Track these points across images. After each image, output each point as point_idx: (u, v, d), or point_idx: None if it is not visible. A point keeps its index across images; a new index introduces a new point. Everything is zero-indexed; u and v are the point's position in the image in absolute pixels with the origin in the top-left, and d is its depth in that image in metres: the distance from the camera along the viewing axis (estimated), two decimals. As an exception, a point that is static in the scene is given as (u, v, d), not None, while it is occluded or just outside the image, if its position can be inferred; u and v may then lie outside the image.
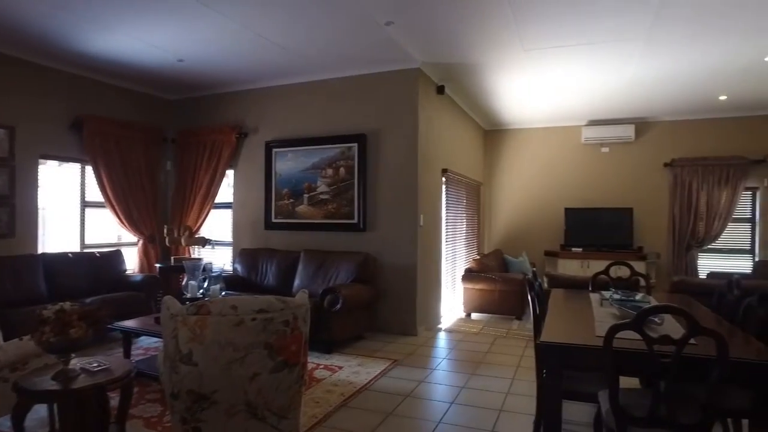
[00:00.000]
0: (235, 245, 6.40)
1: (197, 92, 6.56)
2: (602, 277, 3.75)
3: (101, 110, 5.78)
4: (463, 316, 6.45)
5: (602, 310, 2.92)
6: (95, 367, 2.36)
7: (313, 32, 4.49)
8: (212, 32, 4.50)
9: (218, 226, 6.75)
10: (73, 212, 5.72)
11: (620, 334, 1.93)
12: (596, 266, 6.76)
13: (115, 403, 2.62)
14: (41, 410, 2.79)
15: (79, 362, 2.40)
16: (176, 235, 6.28)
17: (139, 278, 5.48)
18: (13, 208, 4.94)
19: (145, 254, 6.27)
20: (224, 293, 4.24)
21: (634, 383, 3.07)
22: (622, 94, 6.25)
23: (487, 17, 4.08)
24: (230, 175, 6.52)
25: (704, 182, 7.14)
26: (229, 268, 6.33)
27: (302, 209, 5.86)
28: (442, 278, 6.16)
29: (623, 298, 2.93)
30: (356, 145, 5.54)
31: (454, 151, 6.68)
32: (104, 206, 5.82)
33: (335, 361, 4.34)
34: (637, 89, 6.04)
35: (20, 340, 2.84)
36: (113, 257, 5.51)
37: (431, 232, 5.77)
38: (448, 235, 6.46)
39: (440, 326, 5.83)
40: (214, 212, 6.59)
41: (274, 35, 4.56)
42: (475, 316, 6.43)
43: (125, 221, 5.96)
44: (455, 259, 6.85)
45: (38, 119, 5.18)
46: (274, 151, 6.06)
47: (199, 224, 6.50)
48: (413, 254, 5.31)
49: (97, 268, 5.23)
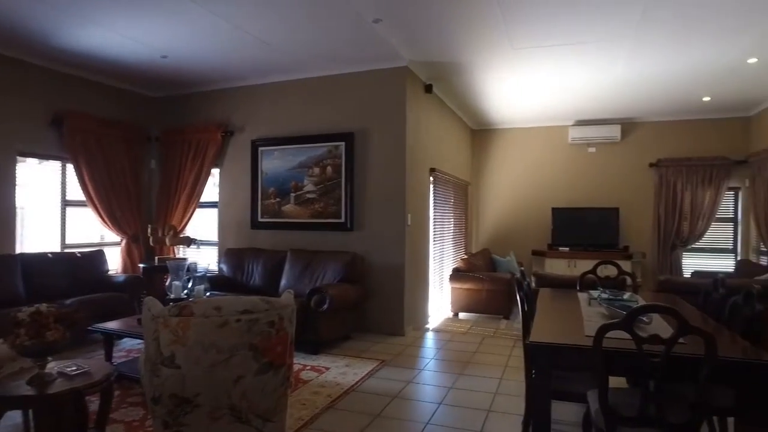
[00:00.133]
0: (220, 245, 6.32)
1: (182, 90, 6.46)
2: (590, 276, 3.76)
3: (83, 107, 5.66)
4: (450, 315, 6.44)
5: (590, 309, 2.92)
6: (73, 370, 2.28)
7: (300, 29, 4.43)
8: (196, 28, 4.42)
9: (204, 225, 6.66)
10: (53, 211, 5.59)
11: (609, 333, 1.92)
12: (583, 266, 6.81)
13: (95, 407, 2.55)
14: (16, 416, 2.70)
15: (56, 366, 2.32)
16: (160, 234, 6.18)
17: (122, 279, 5.37)
18: (-11, 206, 4.81)
19: (128, 254, 6.16)
20: (209, 294, 4.16)
21: (621, 382, 3.08)
22: (608, 94, 6.29)
23: (475, 16, 4.06)
24: (216, 174, 6.43)
25: (688, 182, 7.22)
26: (214, 268, 6.25)
27: (289, 208, 5.80)
28: (429, 278, 6.14)
29: (611, 297, 2.93)
30: (343, 143, 5.49)
31: (441, 150, 6.67)
32: (86, 205, 5.70)
33: (322, 361, 4.29)
34: (623, 90, 6.08)
35: (-5, 343, 2.75)
36: (95, 257, 5.39)
37: (419, 231, 5.75)
38: (435, 234, 6.44)
39: (428, 326, 5.81)
40: (199, 211, 6.50)
41: (260, 31, 4.50)
42: (462, 315, 6.43)
43: (108, 221, 5.85)
44: (443, 258, 6.84)
45: (16, 116, 5.04)
46: (260, 149, 5.98)
47: (184, 224, 6.41)
48: (401, 254, 5.28)
49: (78, 268, 5.11)
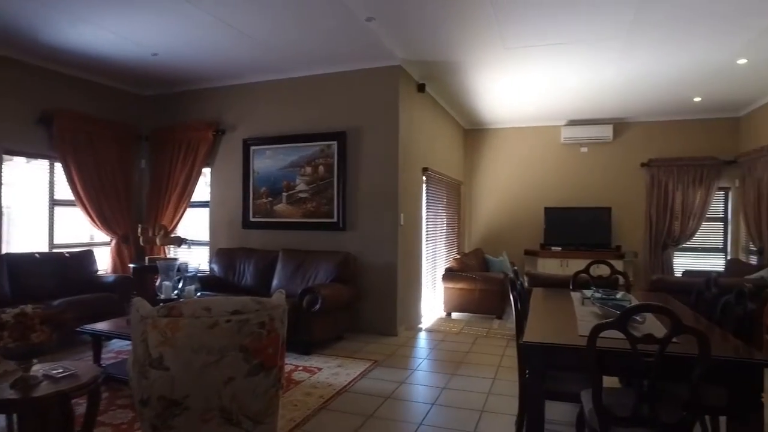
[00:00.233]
0: (212, 245, 6.26)
1: (173, 88, 6.40)
2: (583, 275, 3.76)
3: (72, 105, 5.58)
4: (443, 315, 6.43)
5: (584, 308, 2.91)
6: (59, 373, 2.24)
7: (292, 27, 4.39)
8: (187, 25, 4.37)
9: (195, 225, 6.60)
10: (41, 211, 5.51)
11: (603, 333, 1.91)
12: (575, 265, 6.81)
13: (83, 410, 2.50)
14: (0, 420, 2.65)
15: (41, 368, 2.28)
16: (151, 234, 6.11)
17: (111, 279, 5.31)
18: (-25, 206, 4.73)
19: (118, 254, 6.09)
20: (200, 294, 4.12)
21: (613, 382, 3.08)
22: (600, 94, 6.31)
23: (468, 15, 4.05)
24: (207, 173, 6.37)
25: (679, 182, 7.26)
26: (206, 268, 6.19)
27: (281, 208, 5.76)
28: (422, 278, 6.12)
29: (604, 296, 2.92)
30: (336, 142, 5.46)
31: (434, 149, 6.65)
32: (75, 205, 5.63)
33: (314, 362, 4.26)
34: (615, 90, 6.10)
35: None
36: (84, 257, 5.32)
37: (412, 231, 5.73)
38: (428, 234, 6.43)
39: (421, 326, 5.79)
40: (190, 211, 6.44)
41: (251, 29, 4.46)
42: (455, 315, 6.42)
43: (97, 220, 5.77)
44: (436, 258, 6.83)
45: (3, 113, 4.96)
46: (252, 148, 5.94)
47: (174, 223, 6.35)
48: (393, 254, 5.25)
49: (66, 268, 5.04)
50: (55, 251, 5.39)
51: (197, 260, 6.51)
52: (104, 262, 6.00)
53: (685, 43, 4.52)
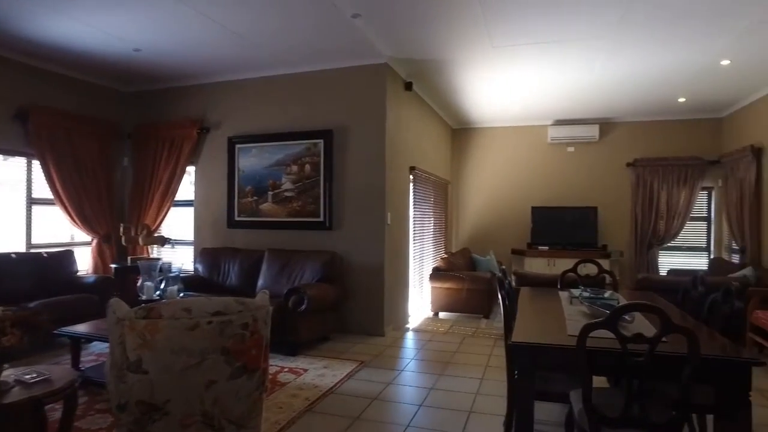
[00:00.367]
0: (196, 244, 6.16)
1: (156, 85, 6.27)
2: (570, 274, 3.75)
3: (50, 101, 5.44)
4: (431, 315, 6.40)
5: (572, 308, 2.90)
6: (32, 378, 2.15)
7: (277, 23, 4.32)
8: (171, 21, 4.27)
9: (179, 224, 6.49)
10: (18, 210, 5.35)
11: (592, 333, 1.88)
12: (562, 264, 6.86)
13: (60, 415, 2.42)
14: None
15: (13, 374, 2.19)
16: (133, 234, 5.99)
17: (92, 280, 5.18)
18: (-51, 205, 4.58)
19: (99, 254, 5.96)
20: (182, 294, 4.03)
21: (601, 381, 3.07)
22: (587, 94, 6.34)
23: (456, 12, 4.02)
24: (191, 171, 6.26)
25: (664, 182, 7.32)
26: (190, 268, 6.08)
27: (266, 207, 5.68)
28: (409, 277, 6.09)
29: (593, 295, 2.91)
30: (322, 141, 5.40)
31: (421, 148, 6.62)
32: (54, 204, 5.48)
33: (300, 363, 4.20)
34: (601, 90, 6.13)
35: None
36: (63, 258, 5.18)
37: (399, 230, 5.69)
38: (415, 233, 6.39)
39: (408, 326, 5.76)
40: (174, 210, 6.33)
41: (236, 25, 4.38)
42: (443, 315, 6.39)
43: (77, 219, 5.64)
44: (423, 257, 6.80)
45: (-22, 109, 4.82)
46: (237, 147, 5.85)
47: (158, 223, 6.23)
48: (380, 253, 5.21)
49: (44, 269, 4.90)
50: (32, 251, 5.25)
51: (181, 260, 6.40)
52: (85, 262, 5.86)
53: (670, 43, 4.54)
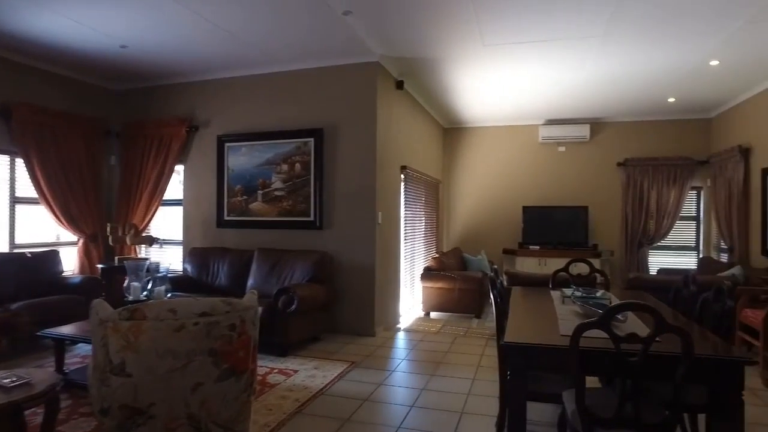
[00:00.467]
0: (185, 244, 6.08)
1: (144, 82, 6.18)
2: (562, 274, 3.74)
3: (34, 98, 5.32)
4: (422, 315, 6.37)
5: (564, 307, 2.88)
6: (12, 382, 2.08)
7: (267, 20, 4.27)
8: (159, 17, 4.20)
9: (167, 224, 6.40)
10: (1, 209, 5.24)
11: (585, 332, 1.86)
12: (553, 264, 6.87)
13: (41, 420, 2.35)
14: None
15: (-8, 376, 2.13)
16: (121, 233, 5.90)
17: (78, 280, 5.08)
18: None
19: (86, 254, 5.86)
20: (170, 295, 3.97)
21: (593, 381, 3.06)
22: (578, 93, 6.34)
23: (447, 10, 3.99)
24: (180, 170, 6.18)
25: (654, 182, 7.36)
26: (178, 268, 6.00)
27: (256, 206, 5.62)
28: (400, 277, 6.05)
29: (585, 295, 2.89)
30: (313, 139, 5.35)
31: (413, 147, 6.59)
32: (39, 203, 5.38)
33: (290, 364, 4.15)
34: (592, 89, 6.13)
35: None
36: (48, 258, 5.08)
37: (390, 230, 5.66)
38: (406, 233, 6.36)
39: (399, 326, 5.72)
40: (162, 210, 6.24)
41: (226, 23, 4.31)
42: (434, 315, 6.37)
43: (63, 219, 5.53)
44: (414, 257, 6.77)
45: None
46: (226, 145, 5.78)
47: (146, 222, 6.14)
48: (371, 253, 5.17)
49: (28, 270, 4.79)
50: (16, 251, 5.14)
51: (170, 260, 6.32)
52: (71, 262, 5.76)
53: (660, 42, 4.55)
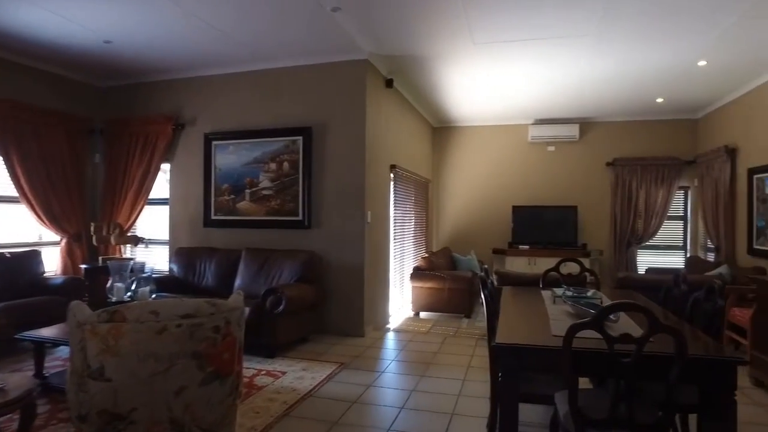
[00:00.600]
0: (171, 244, 5.97)
1: (128, 79, 6.06)
2: (553, 273, 3.72)
3: (14, 94, 5.17)
4: (411, 315, 6.33)
5: (555, 307, 2.85)
6: (-15, 386, 2.01)
7: (255, 16, 4.19)
8: (143, 12, 4.11)
9: (153, 223, 6.29)
10: (-19, 208, 5.12)
11: (577, 333, 1.83)
12: (543, 263, 6.87)
13: (17, 426, 2.27)
14: None
15: (-35, 381, 2.04)
16: (105, 233, 5.78)
17: (60, 281, 4.97)
18: None
19: (69, 254, 5.73)
20: (155, 296, 3.88)
21: (584, 382, 3.04)
22: (567, 93, 6.34)
23: (437, 7, 3.95)
24: (166, 169, 6.07)
25: (643, 181, 7.40)
26: (164, 268, 5.90)
27: (244, 205, 5.54)
28: (390, 277, 6.01)
29: (576, 294, 2.87)
30: (301, 138, 5.28)
31: (402, 146, 6.55)
32: (19, 202, 5.25)
33: (278, 366, 4.08)
34: (582, 89, 6.14)
35: None
36: (28, 258, 4.95)
37: (379, 229, 5.61)
38: (396, 232, 6.32)
39: (388, 326, 5.68)
40: (148, 209, 6.13)
41: (212, 18, 4.23)
42: (423, 315, 6.33)
43: (45, 218, 5.41)
44: (403, 257, 6.73)
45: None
46: (213, 143, 5.69)
47: (131, 221, 6.03)
48: (360, 252, 5.12)
49: (8, 270, 4.66)
50: (-4, 251, 5.01)
51: (156, 260, 6.21)
52: (54, 263, 5.63)
53: (652, 40, 4.54)
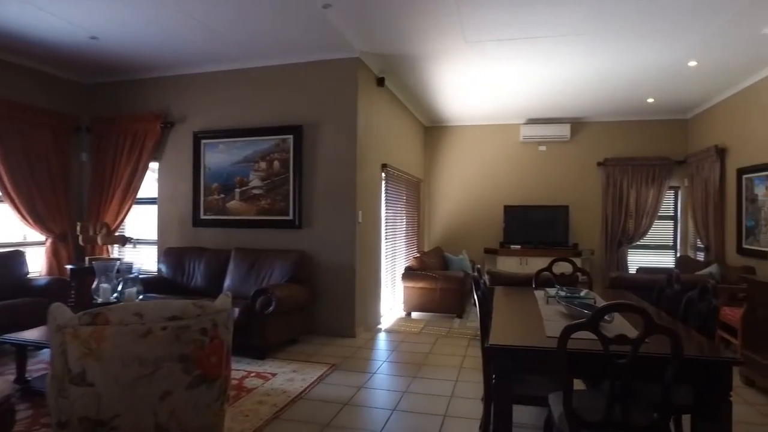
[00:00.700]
0: (160, 244, 5.88)
1: (116, 76, 5.96)
2: (545, 273, 3.70)
3: (-2, 91, 5.09)
4: (403, 315, 6.29)
5: (549, 308, 2.83)
6: (-38, 392, 1.94)
7: (245, 13, 4.13)
8: (131, 7, 4.02)
9: (141, 223, 6.19)
10: (-37, 207, 5.00)
11: (572, 334, 1.80)
12: (534, 263, 6.87)
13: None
14: None
15: (-59, 387, 1.97)
16: (92, 233, 5.67)
17: (44, 282, 4.86)
18: None
19: (54, 255, 5.62)
20: (142, 297, 3.80)
21: (577, 383, 3.01)
22: (559, 93, 6.34)
23: (429, 4, 3.92)
24: (155, 167, 5.98)
25: (633, 181, 7.42)
26: (153, 268, 5.81)
27: (233, 205, 5.47)
28: (381, 277, 5.97)
29: (569, 295, 2.85)
30: (292, 137, 5.22)
31: (394, 146, 6.51)
32: (2, 200, 5.14)
33: (268, 367, 4.03)
34: (573, 89, 6.14)
35: None
36: (12, 258, 4.84)
37: (370, 229, 5.57)
38: (387, 232, 6.28)
39: (380, 327, 5.64)
40: (136, 208, 6.04)
41: (201, 14, 4.16)
42: (415, 315, 6.30)
43: (29, 218, 5.30)
44: (395, 257, 6.69)
45: None
46: (203, 142, 5.61)
47: (119, 221, 5.93)
48: (351, 252, 5.07)
49: (-10, 271, 4.57)
50: (-22, 252, 4.90)
51: (144, 260, 6.12)
52: (39, 263, 5.52)
53: (641, 41, 4.54)
